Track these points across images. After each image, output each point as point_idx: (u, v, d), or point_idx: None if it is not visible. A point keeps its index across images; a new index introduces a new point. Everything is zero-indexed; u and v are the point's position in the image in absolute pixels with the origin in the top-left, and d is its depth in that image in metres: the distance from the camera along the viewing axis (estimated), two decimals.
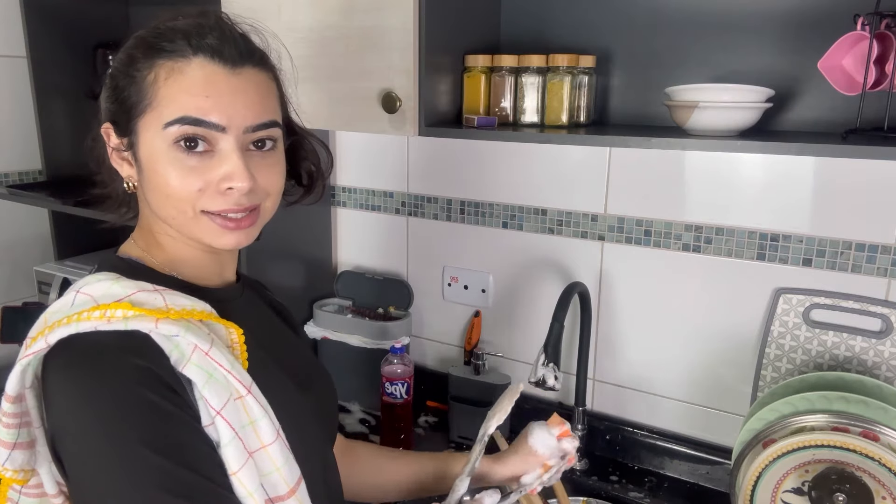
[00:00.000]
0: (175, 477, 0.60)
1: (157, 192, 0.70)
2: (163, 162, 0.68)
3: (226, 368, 0.65)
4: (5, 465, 0.66)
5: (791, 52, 1.08)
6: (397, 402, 1.39)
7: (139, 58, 0.68)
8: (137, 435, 0.60)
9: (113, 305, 0.64)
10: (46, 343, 0.62)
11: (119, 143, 0.72)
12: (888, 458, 0.92)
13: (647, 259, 1.29)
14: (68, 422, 0.62)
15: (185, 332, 0.64)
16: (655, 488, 1.28)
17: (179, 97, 0.67)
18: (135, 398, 0.61)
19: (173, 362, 0.63)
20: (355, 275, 1.61)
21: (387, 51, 1.11)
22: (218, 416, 0.63)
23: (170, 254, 0.75)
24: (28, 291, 1.78)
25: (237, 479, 0.64)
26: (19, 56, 1.70)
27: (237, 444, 0.64)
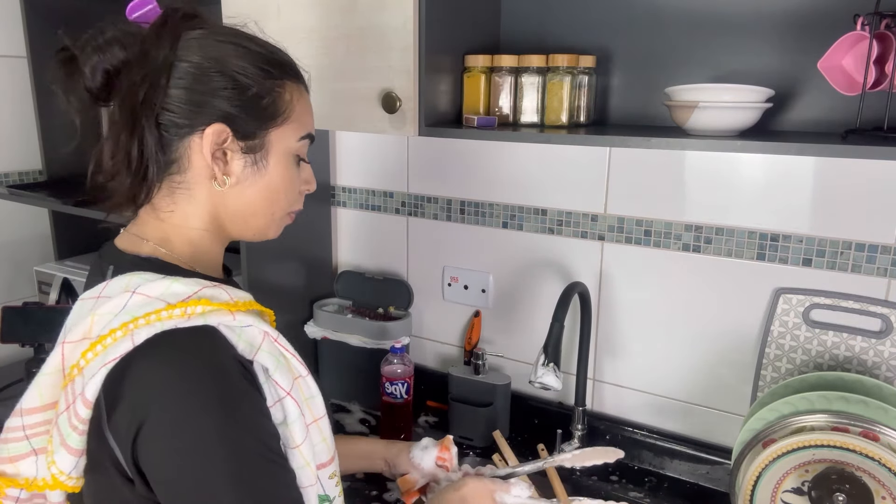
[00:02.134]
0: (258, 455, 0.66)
1: (270, 193, 0.78)
2: (285, 168, 0.78)
3: (290, 352, 0.72)
4: (70, 474, 0.67)
5: (791, 52, 1.08)
6: (397, 401, 1.39)
7: (273, 74, 0.75)
8: (232, 419, 0.64)
9: (192, 303, 0.67)
10: (133, 343, 0.64)
11: (234, 144, 0.74)
12: (888, 458, 0.92)
13: (647, 259, 1.29)
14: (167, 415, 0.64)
15: (256, 322, 0.69)
16: (655, 488, 1.29)
17: (305, 116, 0.79)
18: (226, 386, 0.65)
19: (240, 351, 0.68)
20: (355, 275, 1.61)
21: (387, 51, 1.11)
22: (287, 396, 0.70)
23: (195, 249, 0.77)
24: (28, 291, 1.78)
25: (298, 452, 0.70)
26: (19, 56, 1.71)
27: (301, 420, 0.71)
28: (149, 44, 0.71)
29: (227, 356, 0.66)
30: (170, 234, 0.76)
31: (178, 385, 0.64)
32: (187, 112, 0.71)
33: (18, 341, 1.49)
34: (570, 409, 1.37)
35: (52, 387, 0.69)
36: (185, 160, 0.73)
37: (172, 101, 0.71)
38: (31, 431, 0.70)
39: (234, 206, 0.77)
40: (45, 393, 0.69)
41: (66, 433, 0.66)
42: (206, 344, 0.66)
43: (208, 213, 0.76)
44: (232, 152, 0.74)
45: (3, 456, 0.70)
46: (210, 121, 0.72)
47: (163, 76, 0.70)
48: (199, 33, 0.73)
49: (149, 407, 0.64)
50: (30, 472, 0.70)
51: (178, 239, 0.76)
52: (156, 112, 0.71)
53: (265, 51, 0.76)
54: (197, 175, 0.74)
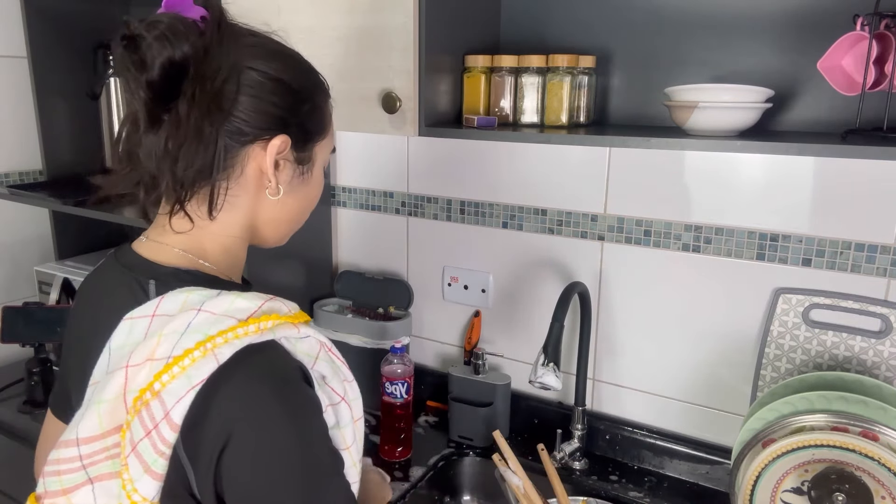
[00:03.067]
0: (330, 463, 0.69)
1: (308, 202, 0.82)
2: (321, 178, 0.83)
3: (340, 360, 0.75)
4: (154, 500, 0.64)
5: (791, 52, 1.08)
6: (397, 401, 1.39)
7: (322, 85, 0.80)
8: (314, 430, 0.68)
9: (264, 318, 0.67)
10: (217, 362, 0.63)
11: (290, 154, 0.76)
12: (887, 458, 0.92)
13: (647, 259, 1.29)
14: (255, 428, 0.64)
15: (314, 332, 0.72)
16: (655, 488, 1.29)
17: (333, 131, 0.84)
18: (303, 398, 0.67)
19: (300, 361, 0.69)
20: (355, 275, 1.61)
21: (387, 51, 1.11)
22: (342, 402, 0.73)
23: (229, 256, 0.78)
24: (28, 291, 1.78)
25: (349, 453, 0.73)
26: (19, 56, 1.71)
27: (353, 424, 0.74)
28: (213, 46, 0.68)
29: (297, 368, 0.68)
30: (204, 242, 0.75)
31: (266, 399, 0.65)
32: (255, 121, 0.71)
33: (18, 341, 1.49)
34: (569, 408, 1.37)
35: (111, 413, 0.65)
36: (240, 167, 0.73)
37: (240, 108, 0.70)
38: (89, 461, 0.66)
39: (273, 214, 0.78)
40: (106, 420, 0.66)
41: (152, 460, 0.63)
42: (280, 358, 0.67)
43: (247, 220, 0.77)
44: (286, 162, 0.76)
45: (55, 489, 0.67)
46: (276, 132, 0.73)
47: (233, 81, 0.69)
48: (255, 40, 0.74)
49: (235, 424, 0.63)
50: (86, 501, 0.67)
51: (213, 246, 0.75)
52: (227, 117, 0.69)
53: (310, 65, 0.79)
54: (247, 183, 0.74)
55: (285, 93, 0.73)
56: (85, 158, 1.81)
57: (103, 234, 1.81)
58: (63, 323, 1.48)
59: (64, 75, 1.74)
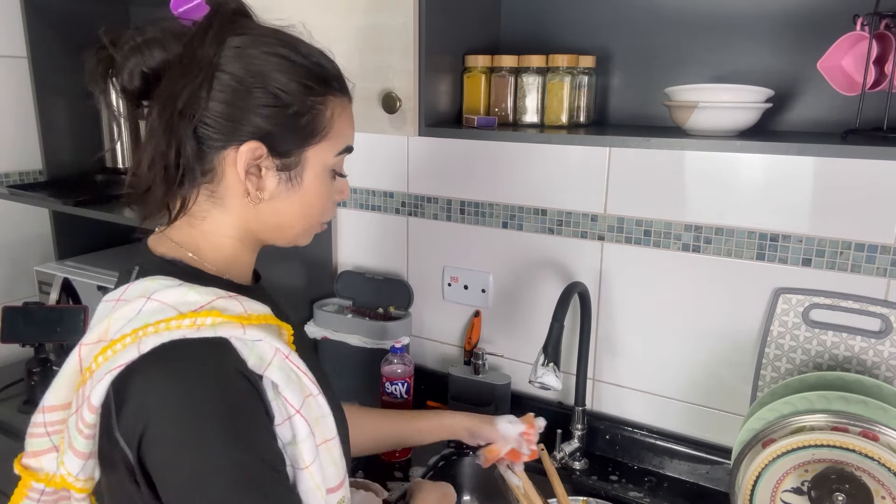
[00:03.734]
0: (259, 473, 0.64)
1: (304, 207, 0.77)
2: (321, 183, 0.77)
3: (301, 370, 0.70)
4: (78, 476, 0.67)
5: (791, 52, 1.09)
6: (397, 401, 1.39)
7: (315, 90, 0.73)
8: (233, 436, 0.63)
9: (203, 314, 0.66)
10: (139, 352, 0.63)
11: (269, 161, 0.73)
12: (887, 458, 0.92)
13: (646, 259, 1.29)
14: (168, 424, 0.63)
15: (268, 337, 0.68)
16: (655, 488, 1.29)
17: (345, 130, 0.78)
18: (231, 399, 0.64)
19: (250, 366, 0.66)
20: (355, 275, 1.61)
21: (387, 51, 1.11)
22: (297, 414, 0.68)
23: (224, 256, 0.76)
24: (28, 291, 1.78)
25: (308, 473, 0.68)
26: (19, 56, 1.71)
27: (311, 440, 0.69)
28: (192, 48, 0.69)
29: (233, 370, 0.65)
30: (199, 241, 0.75)
31: (179, 397, 0.63)
32: (224, 126, 0.70)
33: (18, 341, 1.49)
34: (570, 409, 1.37)
35: (68, 387, 0.69)
36: (220, 171, 0.72)
37: (211, 113, 0.69)
38: (52, 428, 0.70)
39: (266, 220, 0.76)
40: (61, 393, 0.69)
41: (73, 436, 0.66)
42: (211, 356, 0.65)
43: (240, 222, 0.76)
44: (266, 169, 0.73)
45: (29, 450, 0.71)
46: (246, 137, 0.70)
47: (204, 87, 0.68)
48: (244, 40, 0.71)
49: (149, 417, 0.63)
50: (51, 467, 0.71)
51: (208, 245, 0.75)
52: (195, 123, 0.69)
53: (310, 63, 0.74)
54: (229, 187, 0.73)
55: (261, 97, 0.70)
56: (85, 158, 1.81)
57: (103, 234, 1.81)
58: (63, 323, 1.49)
59: (64, 75, 1.74)
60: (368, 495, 1.06)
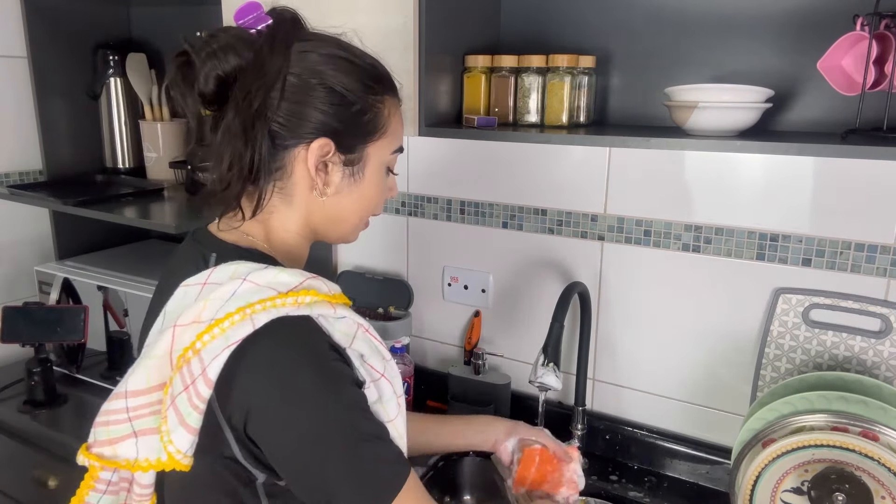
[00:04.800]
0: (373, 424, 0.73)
1: (363, 202, 0.83)
2: (378, 178, 0.83)
3: (378, 340, 0.78)
4: (187, 452, 0.70)
5: (791, 52, 1.09)
6: None
7: (375, 89, 0.79)
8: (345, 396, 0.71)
9: (302, 293, 0.71)
10: (253, 326, 0.68)
11: (336, 157, 0.78)
12: (887, 458, 0.92)
13: (647, 259, 1.29)
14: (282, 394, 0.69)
15: (350, 313, 0.75)
16: (655, 488, 1.29)
17: (399, 129, 0.85)
18: (335, 368, 0.71)
19: (336, 340, 0.73)
20: (355, 275, 1.61)
21: (387, 51, 1.10)
22: (382, 378, 0.76)
23: (289, 249, 0.82)
24: (28, 291, 1.78)
25: (393, 426, 0.76)
26: (19, 56, 1.70)
27: (395, 398, 0.78)
28: (263, 54, 0.73)
29: (327, 343, 0.72)
30: (268, 233, 0.81)
31: (291, 367, 0.69)
32: (295, 125, 0.75)
33: (18, 341, 1.49)
34: (570, 409, 1.37)
35: (159, 369, 0.71)
36: (290, 168, 0.77)
37: (283, 113, 0.74)
38: (135, 413, 0.72)
39: (328, 213, 0.81)
40: (153, 375, 0.71)
41: (187, 412, 0.68)
42: (312, 331, 0.71)
43: (303, 217, 0.81)
44: (333, 164, 0.78)
45: (102, 438, 0.72)
46: (316, 135, 0.76)
47: (276, 88, 0.73)
48: (307, 45, 0.76)
49: (261, 388, 0.69)
50: (129, 453, 0.72)
51: (275, 239, 0.81)
52: (269, 123, 0.73)
53: (366, 64, 0.79)
54: (297, 183, 0.78)
55: (328, 96, 0.76)
56: (85, 158, 1.81)
57: (103, 234, 1.81)
58: (63, 323, 1.49)
59: (64, 75, 1.74)
60: None
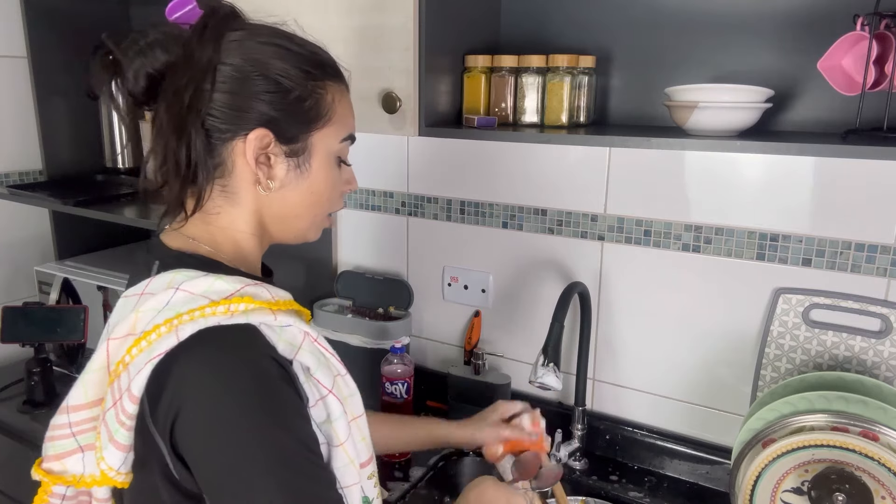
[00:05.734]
0: (294, 455, 0.65)
1: (312, 195, 0.78)
2: (328, 169, 0.78)
3: (330, 352, 0.73)
4: (119, 469, 0.68)
5: (791, 52, 1.08)
6: (397, 401, 1.39)
7: (315, 75, 0.75)
8: (268, 418, 0.64)
9: (235, 300, 0.67)
10: (178, 339, 0.64)
11: (278, 148, 0.74)
12: (887, 458, 0.92)
13: (647, 259, 1.29)
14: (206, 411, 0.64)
15: (296, 322, 0.70)
16: (655, 488, 1.29)
17: (347, 117, 0.79)
18: (267, 384, 0.65)
19: (280, 351, 0.68)
20: (355, 275, 1.61)
21: (387, 51, 1.11)
22: (330, 394, 0.70)
23: (240, 251, 0.78)
24: (28, 291, 1.78)
25: (342, 450, 0.71)
26: (19, 56, 1.70)
27: (344, 418, 0.71)
28: (192, 47, 0.70)
29: (265, 356, 0.67)
30: (216, 235, 0.76)
31: (216, 382, 0.64)
32: (231, 116, 0.71)
33: (18, 341, 1.49)
34: (570, 408, 1.37)
35: (97, 384, 0.69)
36: (230, 164, 0.73)
37: (216, 105, 0.71)
38: (78, 429, 0.71)
39: (278, 209, 0.77)
40: (91, 390, 0.70)
41: (115, 429, 0.66)
42: (245, 342, 0.66)
43: (253, 215, 0.77)
44: (275, 156, 0.74)
45: (50, 454, 0.71)
46: (253, 125, 0.72)
47: (207, 80, 0.70)
48: (240, 34, 0.72)
49: (184, 401, 0.64)
50: (76, 468, 0.71)
51: (224, 240, 0.77)
52: (202, 117, 0.70)
53: (306, 51, 0.76)
54: (241, 179, 0.74)
55: (263, 85, 0.72)
56: (85, 158, 1.81)
57: (103, 234, 1.81)
58: (63, 323, 1.48)
59: (64, 75, 1.74)
60: None
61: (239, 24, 0.74)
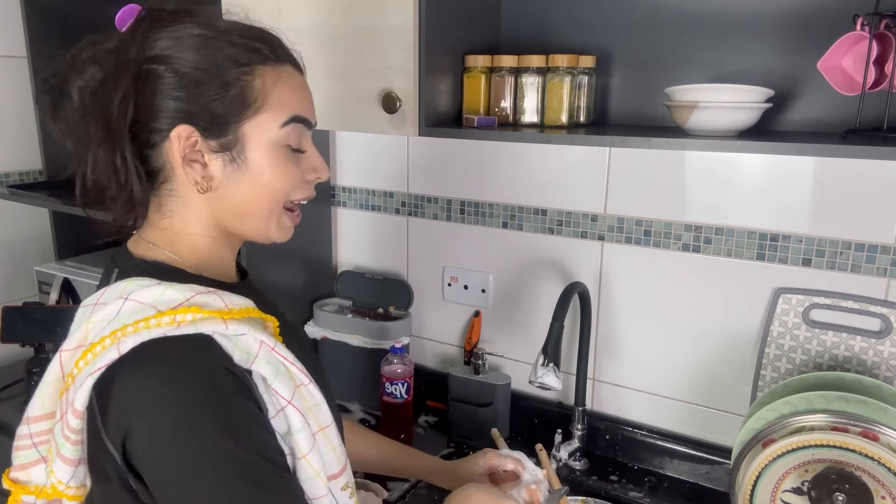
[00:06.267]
0: (255, 467, 0.63)
1: (260, 189, 0.73)
2: (273, 159, 0.72)
3: (289, 361, 0.69)
4: (69, 483, 0.67)
5: (791, 52, 1.08)
6: (397, 401, 1.39)
7: (239, 62, 0.70)
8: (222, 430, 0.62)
9: (182, 310, 0.65)
10: (119, 352, 0.63)
11: (203, 144, 0.70)
12: (887, 458, 0.92)
13: (647, 259, 1.29)
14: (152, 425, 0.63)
15: (252, 330, 0.67)
16: (655, 488, 1.29)
17: (288, 99, 0.73)
18: (214, 396, 0.63)
19: (237, 360, 0.66)
20: (355, 275, 1.61)
21: (387, 51, 1.11)
22: (289, 405, 0.68)
23: (200, 254, 0.75)
24: (28, 291, 1.78)
25: (306, 462, 0.68)
26: (19, 56, 1.71)
27: (307, 429, 0.69)
28: (118, 55, 0.69)
29: (216, 366, 0.64)
30: (173, 240, 0.75)
31: (160, 396, 0.62)
32: (153, 118, 0.69)
33: (18, 341, 1.49)
34: (570, 408, 1.37)
35: (52, 395, 0.69)
36: (168, 167, 0.71)
37: (140, 110, 0.69)
38: (38, 439, 0.70)
39: (227, 208, 0.74)
40: (47, 402, 0.69)
41: (60, 443, 0.65)
42: (192, 354, 0.64)
43: (206, 216, 0.74)
44: (207, 153, 0.71)
45: (16, 463, 0.71)
46: (173, 123, 0.69)
47: (129, 85, 0.68)
48: (161, 32, 0.70)
49: (131, 418, 0.63)
50: (40, 479, 0.70)
51: (183, 244, 0.75)
52: (128, 123, 0.68)
53: (229, 38, 0.70)
54: (183, 181, 0.72)
55: (177, 80, 0.69)
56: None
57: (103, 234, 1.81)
58: (63, 323, 1.48)
59: None
60: (368, 495, 1.07)
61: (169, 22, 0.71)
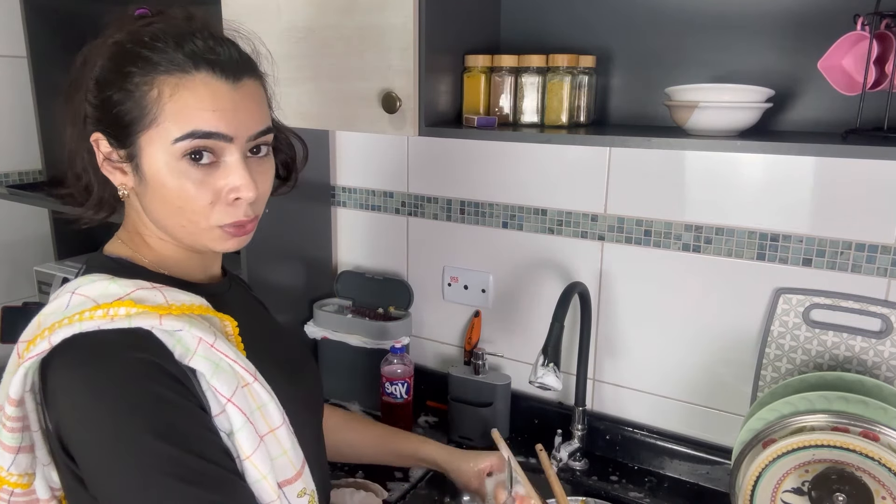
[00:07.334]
0: (183, 463, 0.62)
1: (166, 204, 0.70)
2: (172, 176, 0.68)
3: (231, 358, 0.68)
4: (10, 470, 0.68)
5: (791, 52, 1.08)
6: (397, 401, 1.39)
7: (134, 72, 0.67)
8: (145, 425, 0.61)
9: (115, 304, 0.65)
10: (49, 344, 0.63)
11: (113, 153, 0.72)
12: (888, 458, 0.92)
13: (647, 259, 1.29)
14: (77, 418, 0.63)
15: (189, 327, 0.66)
16: (655, 488, 1.29)
17: (187, 112, 0.67)
18: (141, 391, 0.63)
19: (177, 357, 0.66)
20: (355, 275, 1.61)
21: (387, 51, 1.11)
22: (229, 402, 0.66)
23: (159, 253, 0.76)
24: (28, 291, 1.78)
25: (250, 463, 0.67)
26: (19, 56, 1.71)
27: (249, 428, 0.67)
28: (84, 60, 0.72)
29: (146, 361, 0.64)
30: (134, 238, 0.77)
31: (85, 388, 0.63)
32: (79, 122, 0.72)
33: None
34: (570, 409, 1.37)
35: None
36: None
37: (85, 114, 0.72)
38: None
39: (154, 218, 0.74)
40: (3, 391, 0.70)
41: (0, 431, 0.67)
42: (123, 348, 0.64)
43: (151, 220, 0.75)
44: (120, 160, 0.71)
45: None
46: (91, 129, 0.72)
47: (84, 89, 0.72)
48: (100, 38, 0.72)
49: (61, 409, 0.64)
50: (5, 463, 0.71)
51: (140, 242, 0.77)
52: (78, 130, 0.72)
53: (142, 45, 0.67)
54: None
55: (93, 87, 0.71)
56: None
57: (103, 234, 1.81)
58: None
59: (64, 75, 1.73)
60: (368, 495, 1.07)
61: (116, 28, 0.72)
